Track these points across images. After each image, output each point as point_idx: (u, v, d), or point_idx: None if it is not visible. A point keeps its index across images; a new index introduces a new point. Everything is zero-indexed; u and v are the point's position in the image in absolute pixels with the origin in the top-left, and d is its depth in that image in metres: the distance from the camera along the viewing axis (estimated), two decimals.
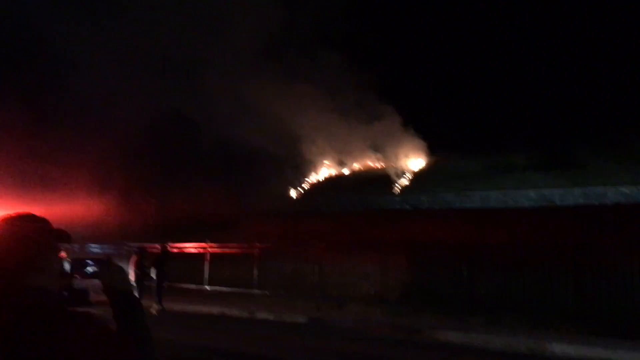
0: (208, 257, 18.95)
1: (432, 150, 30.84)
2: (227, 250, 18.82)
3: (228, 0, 30.95)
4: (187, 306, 16.34)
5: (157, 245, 16.80)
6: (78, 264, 1.92)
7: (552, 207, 20.27)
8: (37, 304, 1.59)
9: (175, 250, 18.48)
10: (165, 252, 16.30)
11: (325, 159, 32.57)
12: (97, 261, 1.97)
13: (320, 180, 32.37)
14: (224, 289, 18.36)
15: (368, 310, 15.12)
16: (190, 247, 19.48)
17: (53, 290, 1.71)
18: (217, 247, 19.02)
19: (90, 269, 1.97)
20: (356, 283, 16.00)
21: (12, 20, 32.17)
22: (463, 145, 29.06)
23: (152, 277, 15.59)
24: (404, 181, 28.90)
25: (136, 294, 9.30)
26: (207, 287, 18.64)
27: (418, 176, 28.90)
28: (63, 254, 1.87)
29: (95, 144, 28.17)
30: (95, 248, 22.51)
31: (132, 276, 14.95)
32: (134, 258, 15.48)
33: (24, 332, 1.52)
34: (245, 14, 30.44)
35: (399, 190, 27.50)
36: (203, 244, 19.15)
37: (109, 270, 1.93)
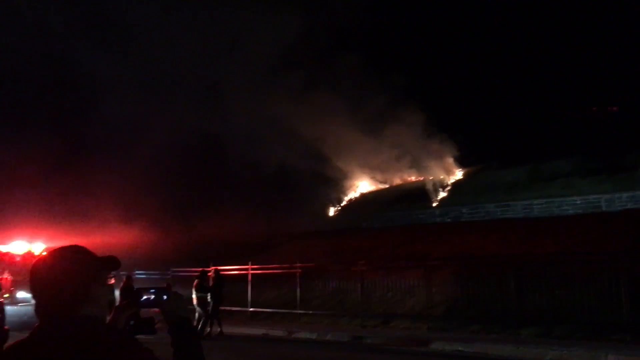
0: (250, 278, 19.02)
1: (471, 160, 30.37)
2: (269, 271, 18.87)
3: (248, 23, 31.35)
4: (232, 328, 16.39)
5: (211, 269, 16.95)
6: (142, 293, 1.93)
7: (599, 213, 19.63)
8: (86, 334, 1.62)
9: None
10: (219, 276, 16.35)
11: (362, 175, 32.47)
12: (157, 289, 1.99)
13: (358, 196, 32.27)
14: (267, 310, 18.38)
15: (414, 325, 14.87)
16: (233, 270, 19.60)
17: (102, 319, 1.75)
18: (259, 269, 19.08)
19: (145, 296, 1.98)
20: (400, 299, 15.79)
21: (37, 54, 33.44)
22: (503, 153, 28.55)
23: (208, 301, 15.67)
24: (444, 193, 28.53)
25: (197, 317, 9.39)
26: (250, 309, 18.68)
27: (458, 188, 28.49)
28: (112, 280, 1.90)
29: (131, 172, 28.87)
30: (141, 275, 22.90)
31: (194, 300, 15.19)
32: (196, 282, 15.67)
33: None
34: (265, 33, 30.71)
35: (438, 203, 27.15)
36: (245, 266, 19.25)
37: (169, 297, 1.96)
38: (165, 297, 1.95)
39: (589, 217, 18.98)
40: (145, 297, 1.94)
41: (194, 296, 15.25)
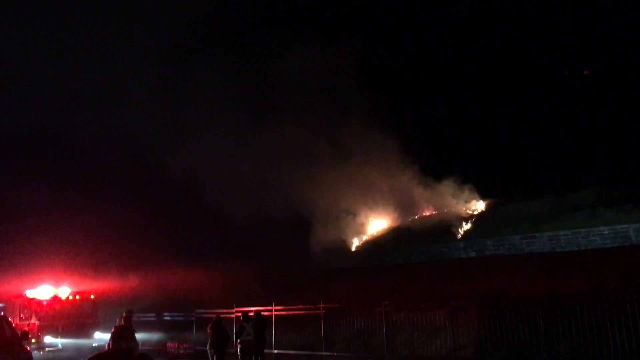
0: (274, 319, 18.86)
1: (495, 192, 30.06)
2: (292, 312, 18.69)
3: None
4: None
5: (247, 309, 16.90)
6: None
7: (629, 245, 19.16)
8: None
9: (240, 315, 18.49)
10: (261, 317, 16.08)
11: (380, 211, 32.26)
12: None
13: (380, 231, 32.03)
14: (292, 352, 18.16)
15: None
16: (256, 311, 19.46)
17: None
18: (282, 310, 18.93)
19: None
20: (426, 340, 15.48)
21: None
22: (527, 185, 28.24)
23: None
24: (467, 226, 28.18)
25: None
26: (275, 351, 18.47)
27: (481, 220, 28.14)
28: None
29: (151, 218, 29.08)
30: (167, 317, 22.94)
31: (238, 345, 15.09)
32: (238, 322, 15.65)
33: None
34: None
35: (462, 236, 26.80)
36: (269, 307, 19.11)
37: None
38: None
39: (619, 249, 18.56)
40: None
41: (238, 340, 15.14)
